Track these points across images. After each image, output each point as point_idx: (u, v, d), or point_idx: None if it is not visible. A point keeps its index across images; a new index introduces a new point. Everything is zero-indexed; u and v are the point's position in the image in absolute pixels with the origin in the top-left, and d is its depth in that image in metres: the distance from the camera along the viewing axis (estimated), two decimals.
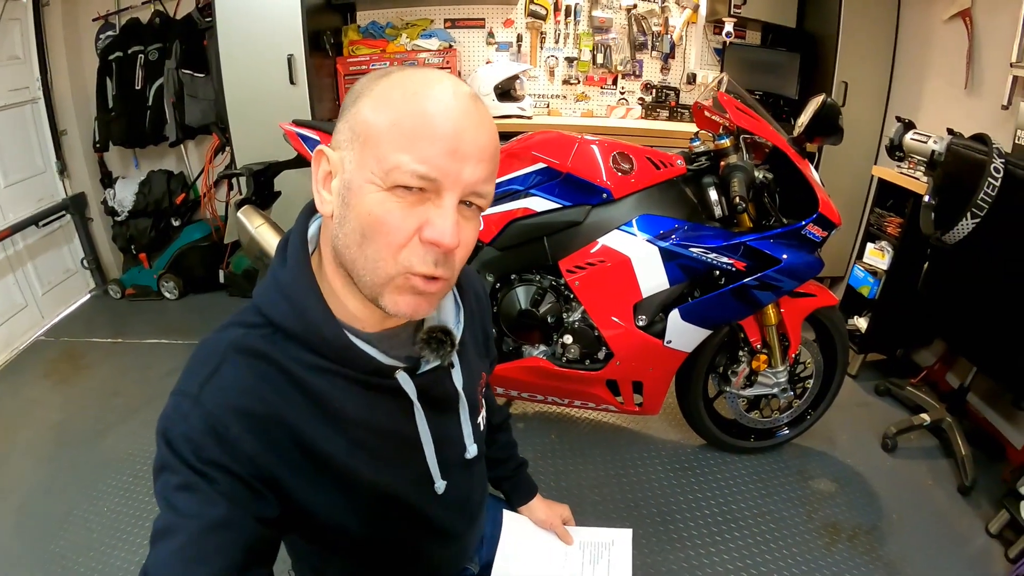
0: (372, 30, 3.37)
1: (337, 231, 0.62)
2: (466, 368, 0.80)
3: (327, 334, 0.64)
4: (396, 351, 0.70)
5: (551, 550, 1.10)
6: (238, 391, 0.61)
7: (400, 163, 0.57)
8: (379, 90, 0.60)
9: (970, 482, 1.99)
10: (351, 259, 0.61)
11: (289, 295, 0.65)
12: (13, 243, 3.03)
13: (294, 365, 0.64)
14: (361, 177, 0.59)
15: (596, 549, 1.11)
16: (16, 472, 2.18)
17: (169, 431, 0.59)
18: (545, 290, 1.81)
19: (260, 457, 0.61)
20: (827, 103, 1.71)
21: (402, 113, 0.57)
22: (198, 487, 0.58)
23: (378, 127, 0.58)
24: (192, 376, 0.62)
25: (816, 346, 2.07)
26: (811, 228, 1.68)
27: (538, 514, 1.13)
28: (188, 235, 3.49)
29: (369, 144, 0.58)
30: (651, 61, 3.45)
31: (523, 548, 1.09)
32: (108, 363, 2.87)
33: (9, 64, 2.99)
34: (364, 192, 0.59)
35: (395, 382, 0.70)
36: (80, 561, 1.79)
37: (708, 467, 2.12)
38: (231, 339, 0.64)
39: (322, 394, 0.65)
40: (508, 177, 1.78)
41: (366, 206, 0.59)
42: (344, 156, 0.61)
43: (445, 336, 0.73)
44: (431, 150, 0.57)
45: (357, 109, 0.60)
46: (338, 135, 0.62)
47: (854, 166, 2.96)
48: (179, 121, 3.26)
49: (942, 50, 2.61)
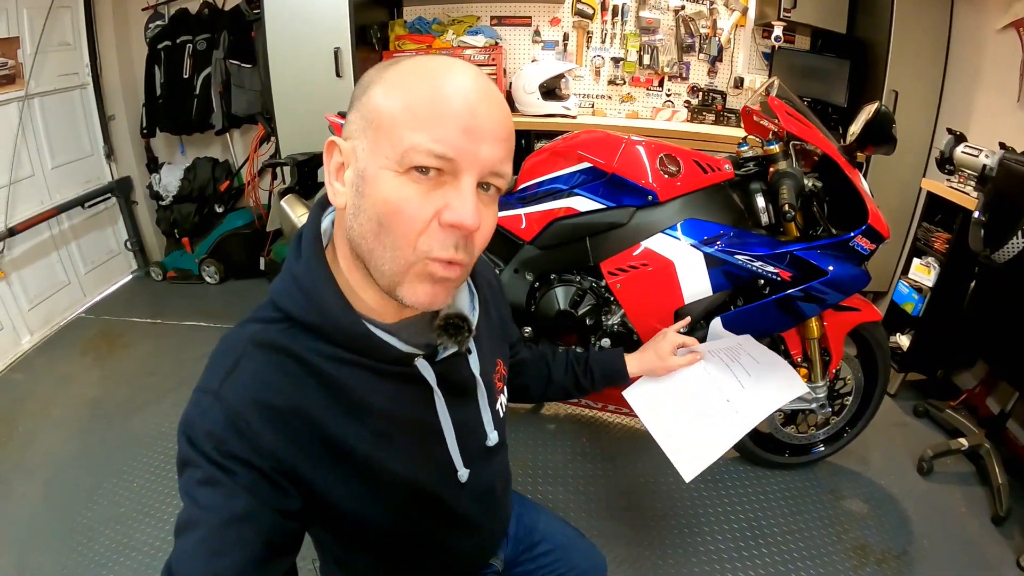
0: (419, 25, 3.39)
1: (352, 222, 0.61)
2: (482, 354, 0.80)
3: (345, 324, 0.64)
4: (414, 339, 0.70)
5: (689, 382, 1.09)
6: (258, 385, 0.61)
7: (416, 143, 0.56)
8: (390, 76, 0.59)
9: (1004, 512, 1.92)
10: (368, 250, 0.61)
11: (305, 288, 0.64)
12: (59, 223, 3.14)
13: (313, 357, 0.64)
14: (375, 164, 0.58)
15: (730, 352, 1.11)
16: (48, 445, 2.24)
17: (190, 427, 0.60)
18: (585, 291, 1.79)
19: (281, 450, 0.61)
20: (881, 111, 1.65)
21: (416, 95, 0.57)
22: (219, 481, 0.58)
23: (391, 111, 0.57)
24: (212, 372, 0.63)
25: (857, 362, 2.01)
26: (860, 240, 1.63)
27: (644, 366, 1.12)
28: (231, 222, 3.56)
29: (383, 129, 0.58)
30: (698, 63, 3.40)
31: (665, 406, 1.08)
32: (146, 343, 2.94)
33: (60, 50, 3.09)
34: (379, 179, 0.58)
35: (414, 369, 0.70)
36: (106, 533, 1.84)
37: (739, 480, 2.08)
38: (250, 334, 0.64)
39: (342, 385, 0.65)
40: (552, 176, 1.76)
41: (382, 193, 0.58)
42: (356, 145, 0.60)
43: (462, 322, 0.73)
44: (446, 129, 0.56)
45: (368, 97, 0.60)
46: (350, 125, 0.62)
47: (902, 178, 2.88)
48: (225, 110, 3.34)
49: (995, 61, 2.53)
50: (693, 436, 1.09)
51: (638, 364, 1.13)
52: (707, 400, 1.08)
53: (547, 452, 2.20)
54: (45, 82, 2.99)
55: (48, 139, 3.04)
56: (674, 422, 1.07)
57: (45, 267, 3.08)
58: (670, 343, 1.12)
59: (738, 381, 1.10)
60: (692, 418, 1.08)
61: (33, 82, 2.89)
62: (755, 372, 1.13)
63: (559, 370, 1.12)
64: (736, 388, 1.11)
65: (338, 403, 0.65)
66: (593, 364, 1.12)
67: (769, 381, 1.10)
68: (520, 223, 1.80)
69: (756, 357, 1.11)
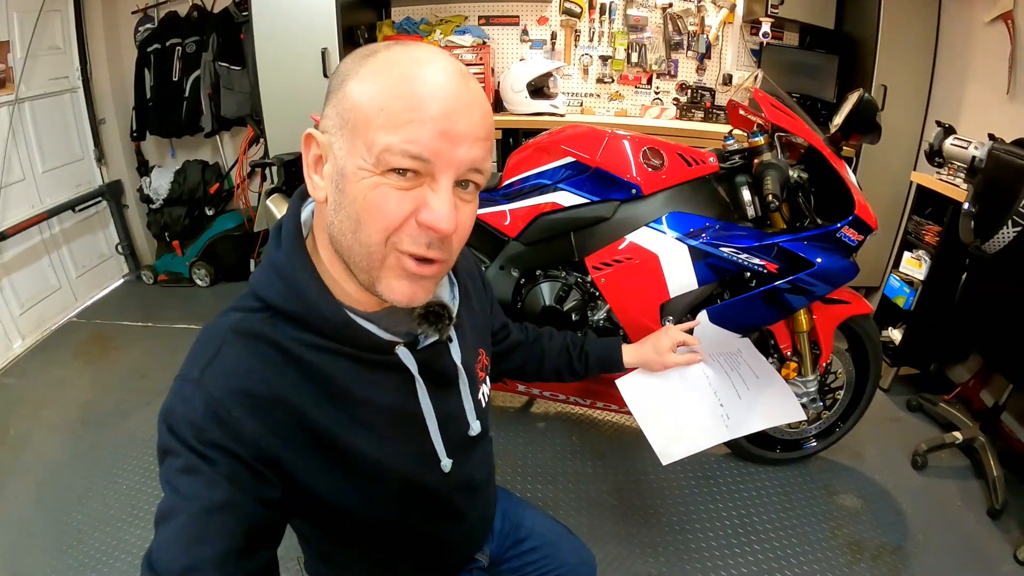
0: (406, 26, 3.40)
1: (332, 218, 0.61)
2: (464, 344, 0.80)
3: (326, 312, 0.64)
4: (395, 328, 0.70)
5: (685, 381, 1.07)
6: (239, 373, 0.61)
7: (390, 145, 0.55)
8: (365, 72, 0.58)
9: (1000, 505, 1.91)
10: (347, 246, 0.61)
11: (285, 276, 0.64)
12: (50, 227, 3.13)
13: (294, 345, 0.63)
14: (353, 163, 0.58)
15: (730, 359, 1.09)
16: (40, 448, 2.24)
17: (171, 415, 0.60)
18: (570, 287, 1.78)
19: (262, 439, 0.61)
20: (864, 98, 1.64)
21: (391, 96, 0.56)
22: (200, 469, 0.58)
23: (367, 112, 0.56)
24: (193, 361, 0.62)
25: (848, 356, 2.00)
26: (846, 231, 1.62)
27: (641, 359, 1.10)
28: (221, 224, 3.55)
29: (359, 130, 0.57)
30: (686, 61, 3.40)
31: (656, 399, 1.07)
32: (137, 346, 2.93)
33: (50, 54, 3.09)
34: (357, 178, 0.58)
35: (396, 358, 0.70)
36: (95, 536, 1.84)
37: (730, 477, 2.07)
38: (230, 323, 0.64)
39: (324, 373, 0.65)
40: (536, 171, 1.76)
41: (361, 191, 0.58)
42: (333, 141, 0.60)
43: (442, 310, 0.73)
44: (422, 132, 0.55)
45: (344, 92, 0.59)
46: (326, 120, 0.61)
47: (892, 172, 2.88)
48: (215, 112, 3.33)
49: (984, 53, 2.53)
50: (677, 428, 1.08)
51: (635, 356, 1.12)
52: (700, 400, 1.07)
53: (537, 450, 2.19)
54: (35, 86, 2.99)
55: (39, 143, 3.04)
56: (662, 412, 1.06)
57: (36, 271, 3.07)
58: (670, 339, 1.11)
59: (735, 390, 1.09)
60: (680, 412, 1.07)
61: (23, 86, 2.89)
62: (754, 387, 1.11)
63: (553, 352, 1.12)
64: (732, 396, 1.10)
65: (319, 391, 0.65)
66: (589, 349, 1.12)
67: (767, 399, 1.09)
68: (505, 219, 1.79)
69: (756, 371, 1.10)
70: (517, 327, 1.12)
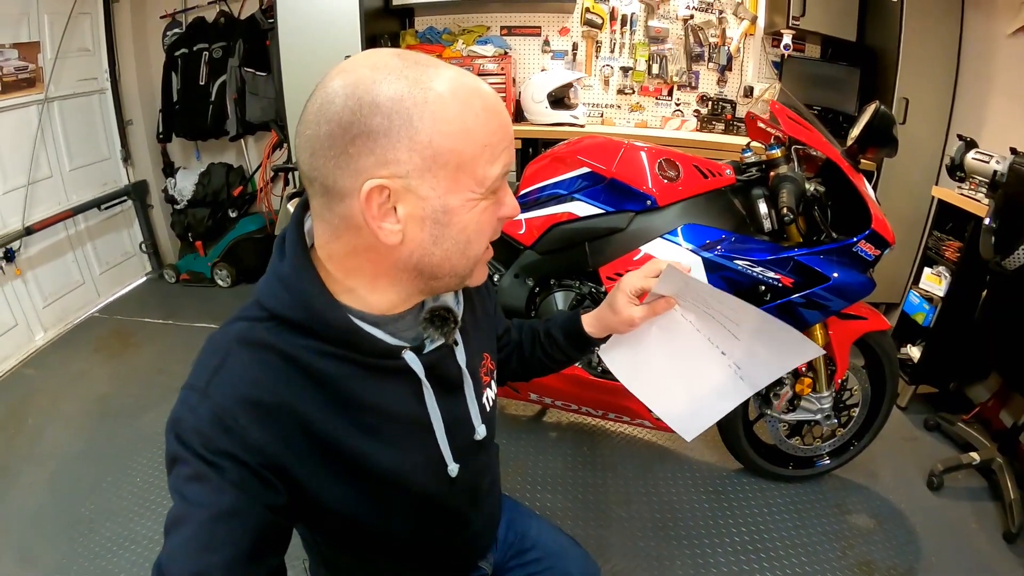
0: (429, 35, 3.43)
1: (431, 250, 0.64)
2: (468, 348, 0.80)
3: (331, 319, 0.64)
4: (401, 333, 0.70)
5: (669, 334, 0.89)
6: (245, 382, 0.62)
7: (496, 174, 0.63)
8: (442, 113, 0.58)
9: (1016, 528, 1.86)
10: (450, 266, 0.66)
11: (290, 285, 0.65)
12: (75, 223, 3.21)
13: (300, 352, 0.64)
14: (459, 198, 0.62)
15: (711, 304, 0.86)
16: (56, 439, 2.29)
17: (179, 424, 0.61)
18: (584, 297, 1.78)
19: (269, 446, 0.61)
20: (880, 111, 1.62)
21: (488, 132, 0.61)
22: (208, 477, 0.58)
23: (472, 152, 0.61)
24: (200, 371, 0.63)
25: (864, 373, 1.98)
26: (863, 245, 1.60)
27: (602, 322, 0.94)
28: (243, 227, 3.61)
29: (465, 167, 0.61)
30: (707, 73, 3.39)
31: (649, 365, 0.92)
32: (156, 343, 2.99)
33: (79, 55, 3.17)
34: (467, 209, 0.63)
35: (402, 362, 0.70)
36: (106, 526, 1.87)
37: (742, 492, 2.05)
38: (235, 333, 0.65)
39: (330, 379, 0.65)
40: (552, 181, 1.77)
41: (473, 218, 0.64)
42: (417, 185, 0.59)
43: (448, 313, 0.74)
44: (511, 153, 0.66)
45: (418, 133, 0.57)
46: (399, 165, 0.58)
47: (913, 186, 2.83)
48: (240, 117, 3.39)
49: (1006, 66, 2.49)
50: (688, 396, 0.91)
51: (595, 321, 0.95)
52: (698, 355, 0.87)
53: (548, 459, 2.19)
54: (64, 86, 3.07)
55: (66, 142, 3.12)
56: (661, 381, 0.90)
57: (61, 266, 3.15)
58: (624, 290, 0.88)
59: (732, 335, 0.85)
60: (682, 376, 0.90)
61: (53, 86, 2.97)
62: (750, 326, 0.85)
63: (528, 343, 1.04)
64: (732, 343, 0.87)
65: (325, 398, 0.65)
66: (552, 329, 1.01)
67: (770, 339, 0.85)
68: (520, 228, 1.80)
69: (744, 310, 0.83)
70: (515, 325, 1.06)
